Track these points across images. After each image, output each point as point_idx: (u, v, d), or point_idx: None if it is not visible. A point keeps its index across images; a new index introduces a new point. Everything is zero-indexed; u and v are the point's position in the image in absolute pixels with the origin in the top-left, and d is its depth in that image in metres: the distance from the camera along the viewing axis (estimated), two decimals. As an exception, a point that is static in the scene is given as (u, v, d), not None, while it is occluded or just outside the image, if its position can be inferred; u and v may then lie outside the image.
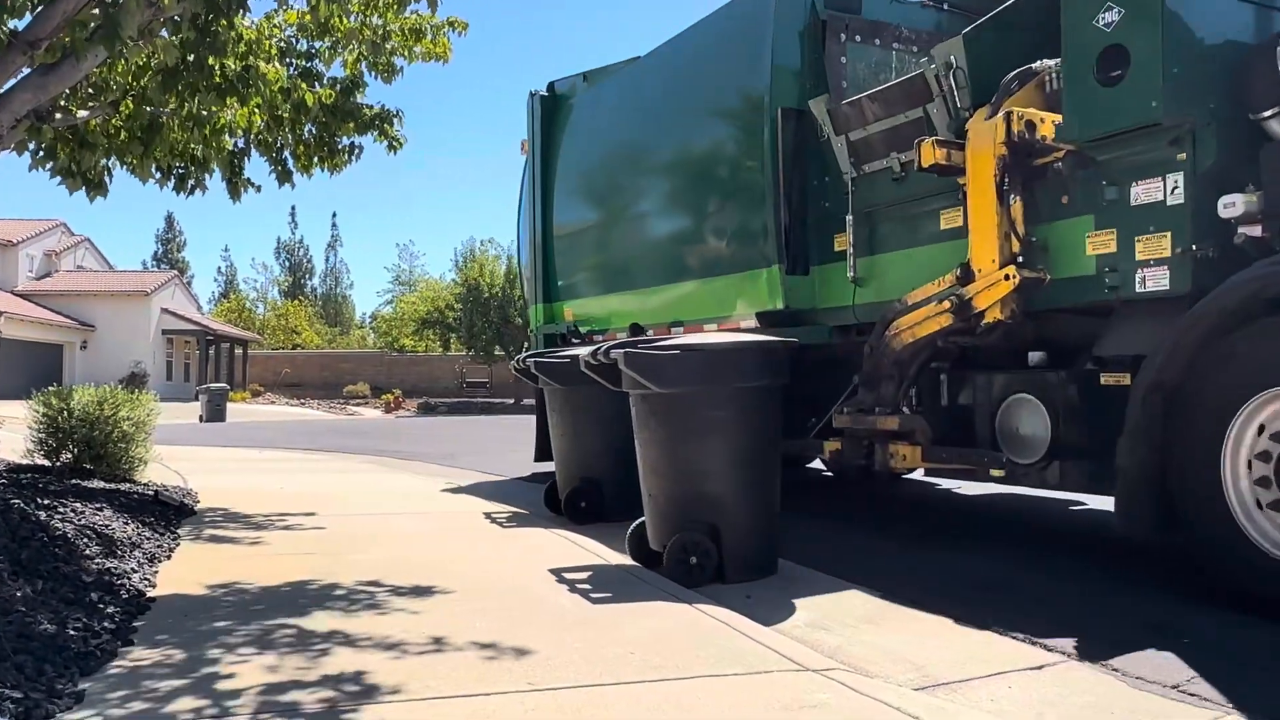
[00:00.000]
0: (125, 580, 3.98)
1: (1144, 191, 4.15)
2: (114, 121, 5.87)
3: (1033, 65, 4.65)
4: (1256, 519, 3.60)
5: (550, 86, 9.05)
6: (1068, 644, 3.41)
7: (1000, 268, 4.57)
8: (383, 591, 4.02)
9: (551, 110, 8.85)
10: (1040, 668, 3.20)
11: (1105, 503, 5.59)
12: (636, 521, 4.80)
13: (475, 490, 7.99)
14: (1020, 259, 4.55)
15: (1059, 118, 4.41)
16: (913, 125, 5.19)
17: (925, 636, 3.61)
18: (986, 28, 4.98)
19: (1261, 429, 3.61)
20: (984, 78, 4.80)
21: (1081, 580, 4.61)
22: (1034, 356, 4.81)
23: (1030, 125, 4.44)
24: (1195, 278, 3.95)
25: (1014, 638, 3.51)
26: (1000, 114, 4.50)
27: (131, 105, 5.81)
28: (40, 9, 4.32)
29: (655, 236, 7.55)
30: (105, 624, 3.31)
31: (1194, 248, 3.96)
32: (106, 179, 6.13)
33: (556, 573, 4.39)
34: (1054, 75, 4.56)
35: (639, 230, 7.75)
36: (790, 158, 6.01)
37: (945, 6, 6.52)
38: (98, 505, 5.34)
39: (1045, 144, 4.46)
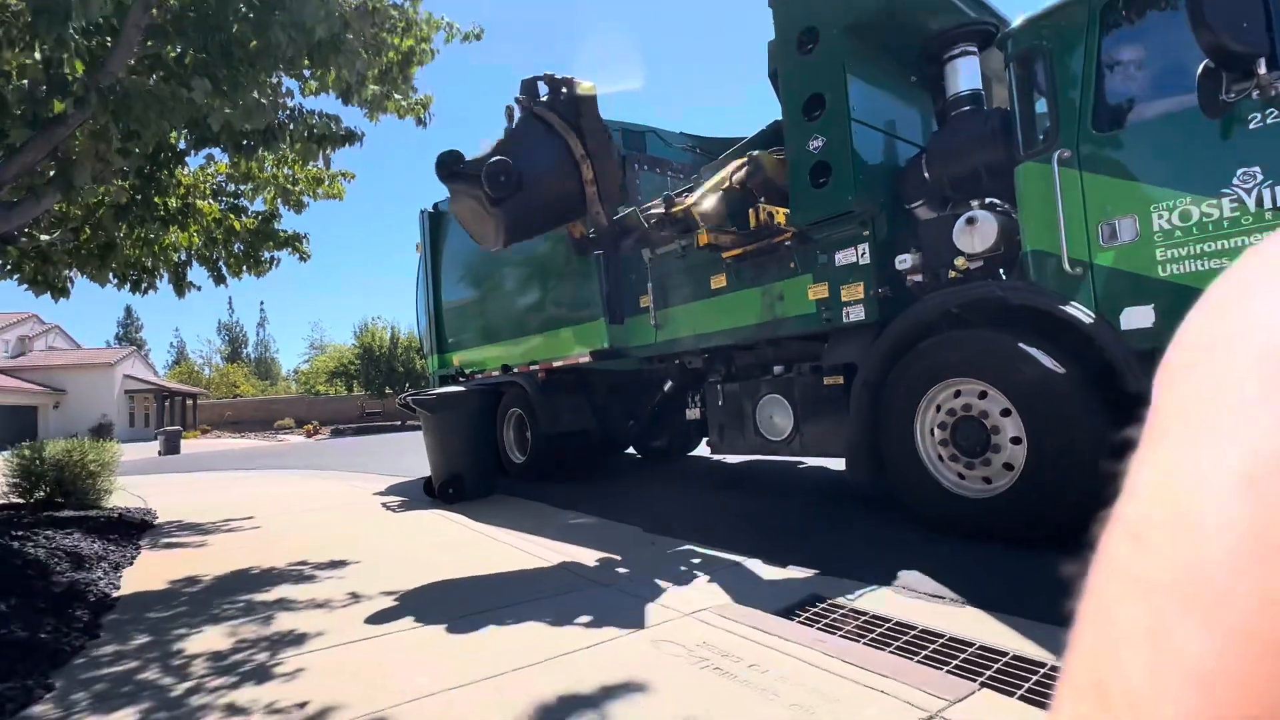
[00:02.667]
0: (92, 587, 3.23)
1: (844, 256, 4.04)
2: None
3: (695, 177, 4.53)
4: (939, 467, 3.43)
5: (435, 206, 8.38)
6: (739, 550, 3.41)
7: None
8: (309, 567, 3.53)
9: (436, 221, 8.14)
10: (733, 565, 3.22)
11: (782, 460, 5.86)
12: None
13: (373, 486, 7.28)
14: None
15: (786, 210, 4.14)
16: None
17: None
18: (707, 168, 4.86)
19: (938, 408, 3.44)
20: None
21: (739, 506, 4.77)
22: (777, 369, 4.63)
23: (770, 215, 4.19)
24: (880, 311, 3.89)
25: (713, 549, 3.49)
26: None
27: (89, 231, 4.86)
28: (2, 159, 3.51)
29: (516, 304, 6.89)
30: (74, 625, 2.66)
31: (878, 291, 3.89)
32: (69, 285, 5.07)
33: (435, 540, 4.07)
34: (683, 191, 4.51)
35: (504, 300, 7.07)
36: None
37: (697, 151, 6.50)
38: (68, 530, 4.32)
39: (780, 227, 4.20)
